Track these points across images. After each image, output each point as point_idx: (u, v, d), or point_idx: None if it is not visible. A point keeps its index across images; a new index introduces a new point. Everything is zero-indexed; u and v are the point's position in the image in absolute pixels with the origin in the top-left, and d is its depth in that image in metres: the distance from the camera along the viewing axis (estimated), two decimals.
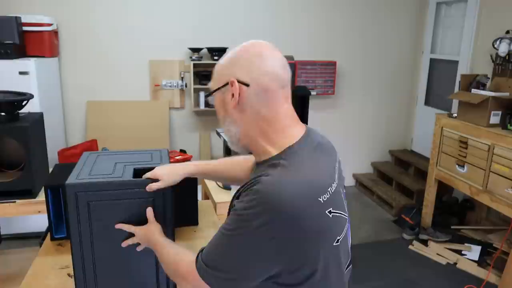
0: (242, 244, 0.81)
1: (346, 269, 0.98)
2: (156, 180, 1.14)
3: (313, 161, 0.88)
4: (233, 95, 0.88)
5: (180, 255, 0.96)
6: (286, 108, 0.91)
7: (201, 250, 0.90)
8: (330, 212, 0.84)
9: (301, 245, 0.80)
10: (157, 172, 1.16)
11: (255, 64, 0.87)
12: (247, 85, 0.87)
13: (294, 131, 0.91)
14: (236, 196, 0.91)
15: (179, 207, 1.47)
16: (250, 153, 0.98)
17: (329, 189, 0.85)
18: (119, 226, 1.15)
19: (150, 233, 1.11)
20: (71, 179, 1.12)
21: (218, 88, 0.91)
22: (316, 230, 0.81)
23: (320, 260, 0.84)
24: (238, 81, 0.87)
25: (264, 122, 0.89)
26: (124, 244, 1.16)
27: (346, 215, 0.93)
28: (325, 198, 0.83)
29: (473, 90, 3.14)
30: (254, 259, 0.81)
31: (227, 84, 0.89)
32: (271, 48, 0.91)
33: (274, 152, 0.89)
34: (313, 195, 0.81)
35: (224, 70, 0.91)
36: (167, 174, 1.16)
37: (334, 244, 0.86)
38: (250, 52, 0.89)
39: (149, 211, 1.15)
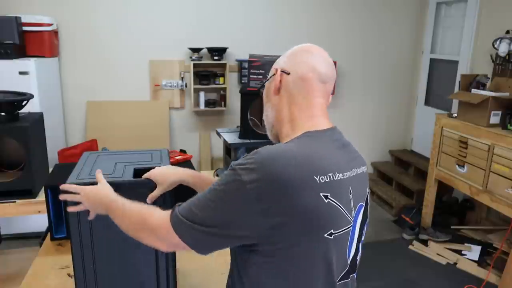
0: (228, 197, 0.79)
1: (341, 280, 0.92)
2: (153, 187, 1.13)
3: (324, 146, 0.88)
4: (275, 84, 0.96)
5: (146, 209, 0.93)
6: (321, 102, 0.96)
7: (178, 205, 0.87)
8: (326, 197, 0.81)
9: (287, 215, 0.77)
10: (154, 173, 1.14)
11: (298, 57, 0.96)
12: (288, 73, 0.95)
13: (320, 121, 0.94)
14: None
15: None
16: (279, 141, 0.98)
17: (330, 174, 0.83)
18: (64, 186, 1.08)
19: (102, 192, 1.04)
20: (71, 179, 1.13)
21: (267, 79, 1.00)
22: (304, 205, 0.78)
23: (302, 242, 0.80)
24: (281, 70, 0.96)
25: (296, 107, 0.94)
26: (70, 209, 1.09)
27: (350, 216, 0.89)
28: (322, 179, 0.81)
29: (473, 90, 3.14)
30: (237, 214, 0.78)
31: (274, 74, 0.97)
32: (320, 49, 0.98)
33: (293, 136, 0.91)
34: (309, 170, 0.80)
35: (275, 64, 1.00)
36: (161, 179, 1.13)
37: (325, 235, 0.82)
38: (300, 47, 0.98)
39: (98, 173, 1.10)
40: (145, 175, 1.15)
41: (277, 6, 4.11)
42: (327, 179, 0.82)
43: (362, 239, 0.99)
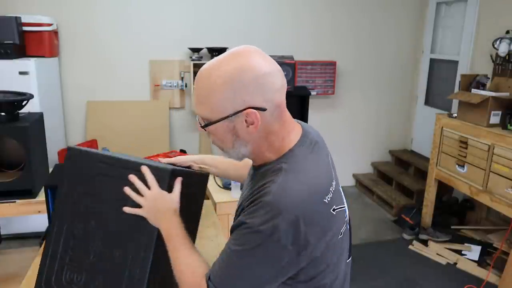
0: (265, 259, 0.80)
1: (349, 258, 1.02)
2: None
3: (313, 162, 0.89)
4: (247, 122, 0.84)
5: (193, 268, 0.91)
6: (288, 114, 0.92)
7: (209, 276, 0.85)
8: (334, 210, 0.87)
9: (316, 246, 0.82)
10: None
11: (265, 86, 0.82)
12: (264, 109, 0.83)
13: (293, 134, 0.91)
14: (241, 210, 0.89)
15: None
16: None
17: (330, 189, 0.88)
18: (145, 170, 1.02)
19: (172, 207, 0.99)
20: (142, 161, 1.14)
21: (226, 117, 0.84)
22: (326, 230, 0.84)
23: (329, 256, 0.87)
24: (255, 108, 0.82)
25: (273, 135, 0.88)
26: (126, 210, 1.03)
27: (345, 205, 0.96)
28: (328, 198, 0.85)
29: (473, 90, 3.14)
30: (277, 270, 0.81)
31: (238, 112, 0.83)
32: (264, 56, 0.86)
33: (273, 157, 0.90)
34: (319, 198, 0.84)
35: (229, 98, 0.82)
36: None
37: (339, 237, 0.90)
38: (253, 73, 0.81)
39: (178, 181, 1.04)
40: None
41: (278, 6, 4.10)
42: (331, 194, 0.87)
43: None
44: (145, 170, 1.02)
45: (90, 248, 1.10)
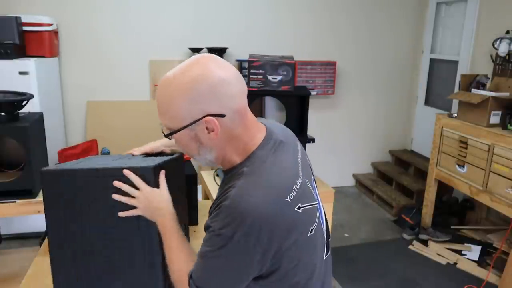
0: (230, 259, 0.83)
1: (326, 255, 1.02)
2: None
3: (275, 163, 0.90)
4: (208, 129, 0.86)
5: (183, 264, 0.95)
6: (250, 117, 0.93)
7: (191, 274, 0.89)
8: (299, 208, 0.87)
9: (280, 244, 0.84)
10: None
11: (221, 93, 0.84)
12: (223, 115, 0.86)
13: (258, 136, 0.93)
14: (209, 214, 0.94)
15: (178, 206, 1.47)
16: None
17: (294, 187, 0.88)
18: (129, 173, 1.04)
19: (165, 200, 1.04)
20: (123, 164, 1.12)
21: (186, 126, 0.87)
22: (289, 229, 0.85)
23: (297, 255, 0.88)
24: (213, 115, 0.85)
25: (237, 139, 0.90)
26: (122, 214, 1.05)
27: (316, 202, 0.96)
28: (291, 197, 0.86)
29: (473, 90, 3.14)
30: (244, 269, 0.84)
31: (197, 120, 0.85)
32: (220, 64, 0.87)
33: (238, 160, 0.92)
34: (280, 198, 0.84)
35: (187, 108, 0.85)
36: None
37: (308, 235, 0.90)
38: (207, 82, 0.84)
39: (162, 174, 1.08)
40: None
41: (277, 6, 4.10)
42: (294, 193, 0.87)
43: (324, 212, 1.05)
44: (128, 173, 1.04)
45: (96, 264, 1.11)
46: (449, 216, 3.77)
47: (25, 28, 3.20)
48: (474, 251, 3.25)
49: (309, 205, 0.91)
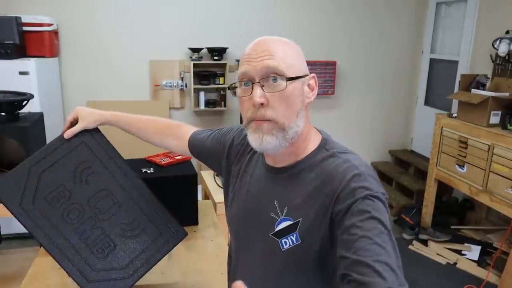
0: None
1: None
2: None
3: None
4: (309, 86, 0.89)
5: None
6: None
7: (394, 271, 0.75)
8: None
9: None
10: (76, 111, 1.28)
11: (300, 51, 0.94)
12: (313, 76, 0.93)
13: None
14: (344, 209, 0.80)
15: (179, 206, 1.47)
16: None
17: None
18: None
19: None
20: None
21: (301, 76, 0.86)
22: None
23: None
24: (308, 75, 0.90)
25: (307, 121, 0.91)
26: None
27: None
28: None
29: (473, 90, 3.15)
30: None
31: (306, 75, 0.88)
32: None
33: (312, 147, 0.91)
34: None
35: (300, 61, 0.91)
36: (85, 113, 1.28)
37: None
38: (286, 41, 0.97)
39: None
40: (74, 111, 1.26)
41: (277, 6, 4.11)
42: None
43: None
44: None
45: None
46: (449, 216, 3.77)
47: (25, 28, 3.21)
48: (474, 251, 3.25)
49: None
